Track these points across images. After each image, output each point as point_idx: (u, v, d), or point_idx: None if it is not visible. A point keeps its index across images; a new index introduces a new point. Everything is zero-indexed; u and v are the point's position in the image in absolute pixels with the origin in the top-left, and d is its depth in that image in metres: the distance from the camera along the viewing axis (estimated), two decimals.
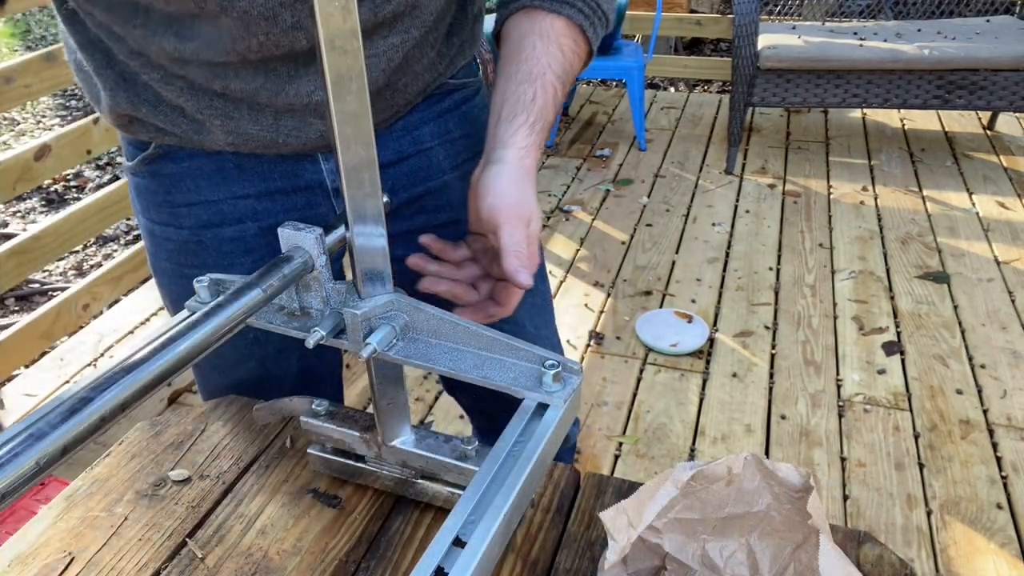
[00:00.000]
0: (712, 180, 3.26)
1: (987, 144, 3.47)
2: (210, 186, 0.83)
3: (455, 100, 0.89)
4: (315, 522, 0.71)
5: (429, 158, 0.88)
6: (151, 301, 2.54)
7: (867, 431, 1.93)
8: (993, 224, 2.83)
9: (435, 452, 0.66)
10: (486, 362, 0.57)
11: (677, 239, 2.82)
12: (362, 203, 0.55)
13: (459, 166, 0.90)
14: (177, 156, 0.82)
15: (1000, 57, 2.90)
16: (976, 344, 2.22)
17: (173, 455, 0.80)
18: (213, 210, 0.83)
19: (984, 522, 1.68)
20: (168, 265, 0.88)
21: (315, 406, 0.71)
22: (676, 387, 2.10)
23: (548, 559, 0.68)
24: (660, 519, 0.59)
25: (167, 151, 0.82)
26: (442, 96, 0.88)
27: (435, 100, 0.87)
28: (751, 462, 0.60)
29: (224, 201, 0.83)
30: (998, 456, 1.84)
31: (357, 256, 0.57)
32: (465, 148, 0.91)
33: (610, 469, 1.84)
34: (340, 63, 0.49)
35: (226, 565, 0.67)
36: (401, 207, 0.88)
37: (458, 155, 0.90)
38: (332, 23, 0.47)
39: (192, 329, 0.46)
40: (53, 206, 3.40)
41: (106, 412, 0.39)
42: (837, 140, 3.57)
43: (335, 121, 0.51)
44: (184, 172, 0.82)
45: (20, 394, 2.13)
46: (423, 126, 0.87)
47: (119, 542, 0.70)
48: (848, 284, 2.52)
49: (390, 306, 0.58)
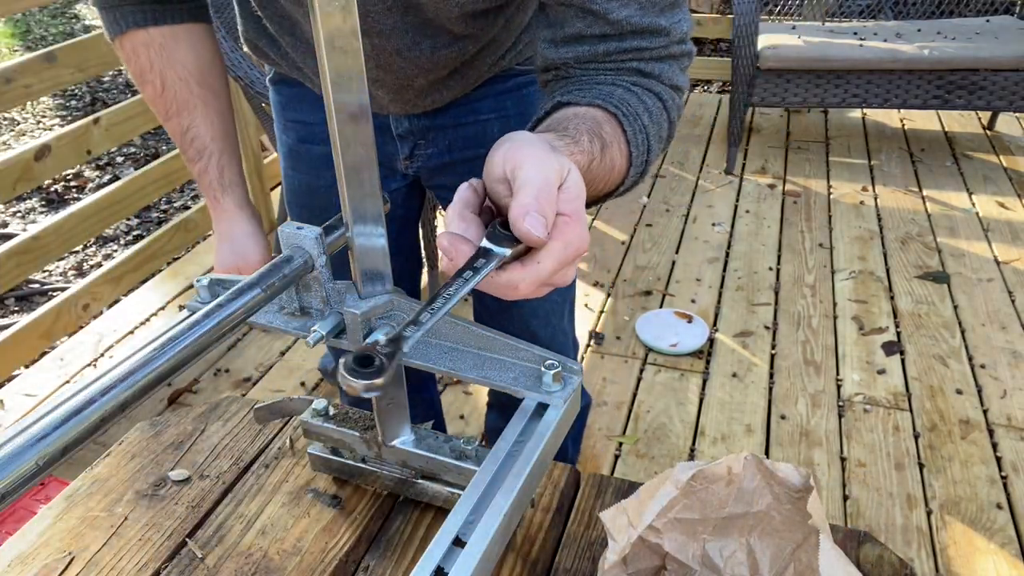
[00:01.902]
0: (712, 180, 3.26)
1: (987, 144, 3.47)
2: (306, 110, 1.01)
3: (517, 83, 0.99)
4: (315, 522, 0.71)
5: (484, 129, 0.99)
6: (151, 301, 2.54)
7: (867, 431, 1.93)
8: (993, 224, 2.83)
9: (435, 452, 0.66)
10: (486, 362, 0.57)
11: (677, 239, 2.82)
12: (362, 203, 0.55)
13: None
14: (288, 81, 1.01)
15: (1000, 57, 2.90)
16: (976, 344, 2.22)
17: (173, 455, 0.80)
18: (307, 130, 1.03)
19: (984, 522, 1.67)
20: (298, 211, 1.10)
21: (315, 406, 0.71)
22: (676, 387, 2.10)
23: (548, 559, 0.68)
24: (660, 519, 0.59)
25: (281, 77, 1.02)
26: (506, 78, 0.98)
27: (498, 81, 0.97)
28: (751, 462, 0.60)
29: (316, 124, 1.01)
30: (998, 456, 1.84)
31: (357, 256, 0.57)
32: (518, 125, 0.96)
33: (610, 469, 1.84)
34: (340, 63, 0.49)
35: (226, 565, 0.67)
36: (456, 163, 1.01)
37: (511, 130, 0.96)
38: (332, 23, 0.47)
39: (192, 329, 0.46)
40: (53, 206, 3.40)
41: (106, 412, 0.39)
42: (837, 140, 3.57)
43: (335, 121, 0.51)
44: (292, 95, 1.02)
45: (20, 394, 2.13)
46: (483, 100, 0.98)
47: (119, 542, 0.70)
48: (848, 284, 2.52)
49: (390, 306, 0.58)
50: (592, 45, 0.71)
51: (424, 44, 0.83)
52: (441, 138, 1.01)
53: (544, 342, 1.15)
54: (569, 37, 0.71)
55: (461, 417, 2.01)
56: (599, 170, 0.63)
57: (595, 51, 0.71)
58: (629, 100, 0.68)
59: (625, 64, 0.71)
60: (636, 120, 0.67)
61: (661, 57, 0.72)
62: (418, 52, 0.84)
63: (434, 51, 0.84)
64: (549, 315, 1.15)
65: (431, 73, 0.88)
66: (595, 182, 0.63)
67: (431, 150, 1.01)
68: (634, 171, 0.68)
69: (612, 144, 0.64)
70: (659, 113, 0.70)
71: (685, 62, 0.74)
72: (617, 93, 0.68)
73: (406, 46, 0.83)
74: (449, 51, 0.85)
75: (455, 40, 0.85)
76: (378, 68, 0.86)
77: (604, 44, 0.70)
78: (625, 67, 0.71)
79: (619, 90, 0.69)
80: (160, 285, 2.63)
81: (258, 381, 2.16)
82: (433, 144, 1.01)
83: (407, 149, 1.01)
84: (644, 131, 0.68)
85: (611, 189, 0.68)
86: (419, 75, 0.88)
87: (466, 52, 0.87)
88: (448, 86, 0.93)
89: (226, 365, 2.22)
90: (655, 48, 0.71)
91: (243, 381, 2.16)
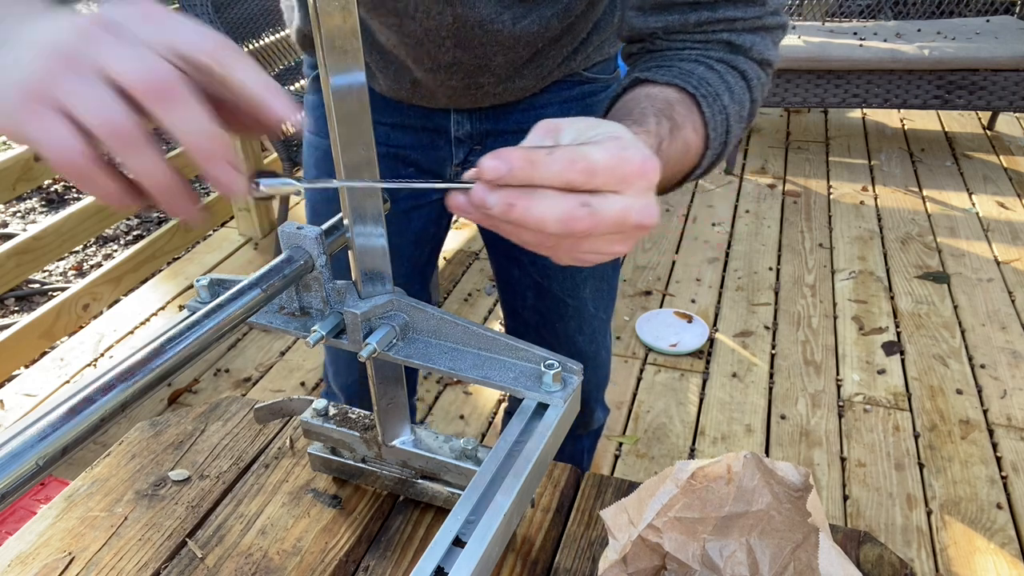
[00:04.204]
0: (712, 180, 3.26)
1: (987, 144, 3.47)
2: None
3: (583, 91, 0.95)
4: (315, 522, 0.71)
5: None
6: (151, 301, 2.54)
7: (867, 431, 1.93)
8: (993, 224, 2.83)
9: (435, 452, 0.66)
10: (486, 362, 0.57)
11: (677, 239, 2.82)
12: (362, 203, 0.55)
13: None
14: None
15: (1000, 57, 2.90)
16: (976, 344, 2.22)
17: (173, 455, 0.80)
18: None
19: (984, 522, 1.67)
20: (314, 171, 1.03)
21: (315, 406, 0.71)
22: (676, 387, 2.10)
23: (548, 559, 0.68)
24: (660, 518, 0.59)
25: None
26: (572, 85, 0.95)
27: (564, 87, 0.94)
28: (750, 460, 0.60)
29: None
30: (998, 456, 1.84)
31: (357, 256, 0.57)
32: None
33: (610, 469, 1.84)
34: (340, 63, 0.49)
35: (226, 565, 0.67)
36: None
37: None
38: (332, 23, 0.47)
39: (192, 329, 0.46)
40: (53, 206, 3.40)
41: (106, 412, 0.39)
42: (837, 140, 3.57)
43: (335, 121, 0.51)
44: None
45: (20, 394, 2.13)
46: (547, 107, 0.95)
47: (119, 542, 0.70)
48: (848, 284, 2.52)
49: (390, 306, 0.58)
50: (683, 14, 0.67)
51: (506, 15, 0.80)
52: (499, 144, 0.95)
53: (587, 357, 1.12)
54: (659, 4, 0.67)
55: (461, 417, 2.01)
56: (671, 151, 0.59)
57: (686, 20, 0.67)
58: (710, 79, 0.65)
59: (715, 35, 0.67)
60: (716, 101, 0.64)
61: (754, 28, 0.68)
62: (500, 24, 0.80)
63: (515, 22, 0.80)
64: (595, 333, 1.11)
65: (511, 51, 0.85)
66: (667, 164, 0.58)
67: None
68: (711, 153, 0.65)
69: (685, 125, 0.61)
70: (742, 92, 0.67)
71: (779, 35, 0.70)
72: (698, 71, 0.65)
73: (488, 16, 0.79)
74: (529, 21, 0.81)
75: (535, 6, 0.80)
76: (456, 47, 0.82)
77: (695, 13, 0.66)
78: (715, 39, 0.67)
79: (701, 67, 0.66)
80: (160, 285, 2.63)
81: (258, 381, 2.16)
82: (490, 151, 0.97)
83: (462, 155, 0.97)
84: (724, 111, 0.64)
85: (687, 171, 0.65)
86: (498, 52, 0.84)
87: (547, 26, 0.82)
88: (522, 75, 0.89)
89: (226, 365, 2.22)
90: (748, 19, 0.67)
91: (243, 381, 2.16)
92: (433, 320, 0.58)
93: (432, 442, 0.67)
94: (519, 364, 0.57)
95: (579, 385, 0.56)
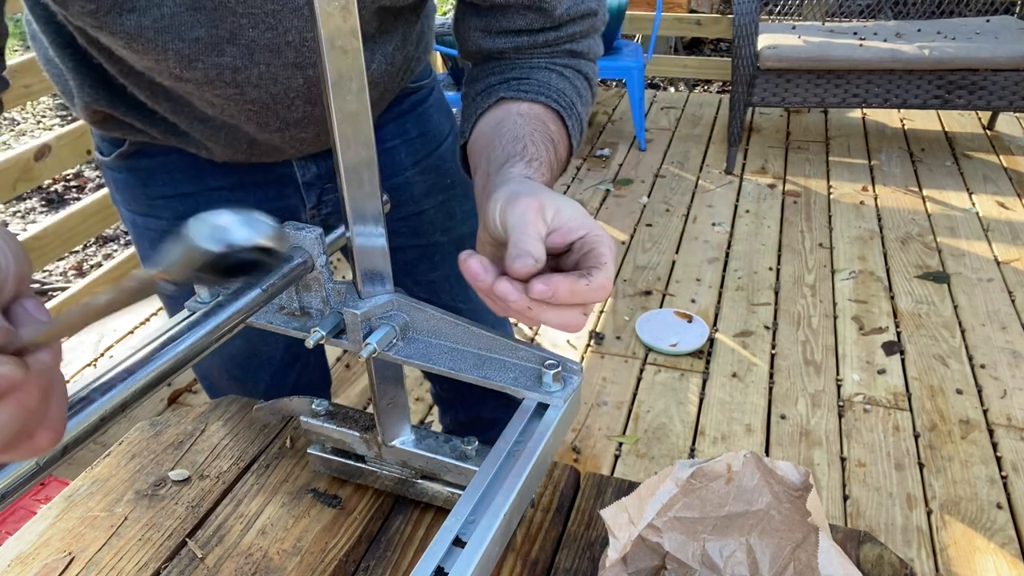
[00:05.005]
0: (712, 180, 3.26)
1: (987, 144, 3.47)
2: (185, 179, 0.86)
3: (412, 102, 0.94)
4: (315, 522, 0.71)
5: (392, 156, 0.93)
6: (151, 301, 2.54)
7: (867, 431, 1.93)
8: (993, 224, 2.83)
9: (435, 452, 0.67)
10: (486, 362, 0.57)
11: (677, 239, 2.82)
12: (362, 203, 0.55)
13: (418, 163, 0.96)
14: (152, 151, 0.85)
15: (1000, 57, 2.90)
16: (976, 344, 2.22)
17: (173, 455, 0.80)
18: (189, 202, 0.87)
19: (984, 522, 1.67)
20: (152, 254, 0.91)
21: (315, 406, 0.71)
22: (676, 387, 2.10)
23: (548, 559, 0.68)
24: (660, 518, 0.59)
25: (141, 147, 0.84)
26: (400, 99, 0.93)
27: (394, 103, 0.92)
28: (750, 460, 0.60)
29: (199, 193, 0.87)
30: (998, 456, 1.84)
31: (357, 256, 0.57)
32: (422, 146, 0.96)
33: (610, 469, 1.84)
34: (340, 63, 0.49)
35: (226, 565, 0.67)
36: None
37: (416, 152, 0.96)
38: (332, 23, 0.47)
39: (192, 329, 0.46)
40: (53, 206, 3.40)
41: (106, 412, 0.39)
42: (837, 140, 3.57)
43: (335, 121, 0.51)
44: (159, 166, 0.86)
45: None
46: (384, 127, 0.92)
47: (119, 542, 0.70)
48: (848, 284, 2.52)
49: (390, 306, 0.58)
50: (532, 36, 0.73)
51: None
52: None
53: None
54: (508, 30, 0.73)
55: None
56: (556, 169, 0.68)
57: (534, 40, 0.74)
58: (564, 89, 0.73)
59: (560, 47, 0.75)
60: (572, 110, 0.72)
61: (588, 34, 0.76)
62: None
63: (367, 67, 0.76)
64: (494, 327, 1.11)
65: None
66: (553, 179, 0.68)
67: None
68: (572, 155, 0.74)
69: (560, 141, 0.70)
70: (586, 92, 0.76)
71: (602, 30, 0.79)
72: (553, 81, 0.72)
73: None
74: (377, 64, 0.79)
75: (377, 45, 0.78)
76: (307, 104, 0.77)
77: (543, 35, 0.73)
78: (559, 50, 0.75)
79: (553, 76, 0.73)
80: None
81: None
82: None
83: (313, 198, 0.92)
84: (579, 118, 0.74)
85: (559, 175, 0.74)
86: None
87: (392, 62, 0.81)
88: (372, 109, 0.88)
89: None
90: (585, 29, 0.75)
91: None
92: (433, 320, 0.58)
93: (432, 442, 0.67)
94: (519, 364, 0.57)
95: (579, 385, 0.56)
